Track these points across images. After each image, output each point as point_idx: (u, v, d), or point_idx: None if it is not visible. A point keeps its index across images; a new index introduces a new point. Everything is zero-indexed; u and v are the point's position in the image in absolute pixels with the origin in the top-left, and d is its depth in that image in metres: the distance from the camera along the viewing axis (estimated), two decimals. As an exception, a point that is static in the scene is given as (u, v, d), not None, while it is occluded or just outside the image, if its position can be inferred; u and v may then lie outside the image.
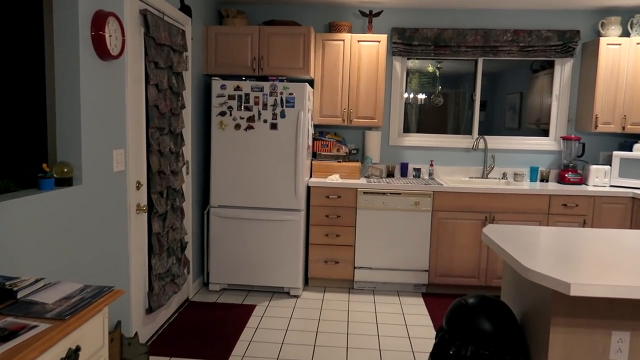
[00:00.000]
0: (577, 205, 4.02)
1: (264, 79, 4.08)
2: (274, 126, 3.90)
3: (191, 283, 3.91)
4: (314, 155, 4.46)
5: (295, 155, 3.91)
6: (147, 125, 2.99)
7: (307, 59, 4.02)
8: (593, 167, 4.30)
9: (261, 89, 3.87)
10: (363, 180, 4.24)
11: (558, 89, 4.58)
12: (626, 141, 4.36)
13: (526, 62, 4.51)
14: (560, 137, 4.54)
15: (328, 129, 4.68)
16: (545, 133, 4.67)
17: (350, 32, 4.34)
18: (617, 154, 4.23)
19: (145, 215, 3.02)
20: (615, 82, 4.18)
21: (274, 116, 3.88)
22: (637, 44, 4.09)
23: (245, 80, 3.99)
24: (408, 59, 4.63)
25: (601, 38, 4.15)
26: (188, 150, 3.74)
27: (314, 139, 4.43)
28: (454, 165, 4.66)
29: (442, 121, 4.92)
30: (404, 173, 4.61)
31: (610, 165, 4.32)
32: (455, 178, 4.58)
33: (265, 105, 3.88)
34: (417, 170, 4.57)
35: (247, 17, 4.50)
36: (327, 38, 4.26)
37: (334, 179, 4.18)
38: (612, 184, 4.27)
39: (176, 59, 3.30)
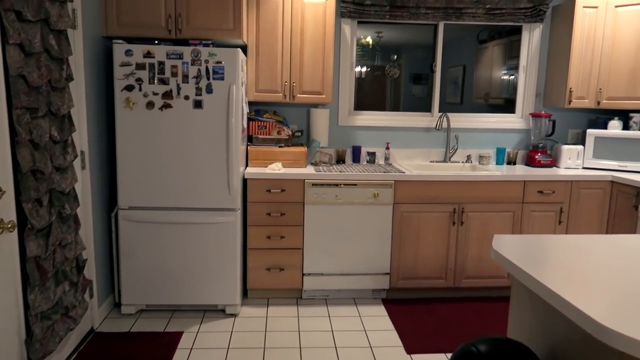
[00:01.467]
0: (553, 192, 3.55)
1: (184, 42, 3.19)
2: (198, 104, 3.05)
3: (96, 309, 3.03)
4: (250, 140, 3.66)
5: (227, 141, 3.10)
6: (10, 105, 2.07)
7: (238, 17, 3.18)
8: (565, 147, 3.84)
9: (180, 56, 2.99)
10: (310, 169, 3.51)
11: (526, 59, 4.06)
12: (598, 117, 3.94)
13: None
14: (529, 114, 4.04)
15: (266, 106, 3.88)
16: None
17: (290, -14, 3.53)
18: (592, 132, 3.79)
19: (14, 234, 2.11)
20: (591, 50, 3.70)
21: (198, 91, 3.03)
22: (616, 7, 3.62)
23: (159, 44, 3.09)
24: (359, 22, 3.90)
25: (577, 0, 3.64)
26: (82, 138, 2.81)
27: (249, 120, 3.63)
28: (412, 147, 4.04)
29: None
30: (356, 158, 3.93)
31: (583, 144, 3.88)
32: (414, 163, 3.96)
33: (186, 77, 3.01)
34: (372, 155, 3.91)
35: (159, -35, 3.55)
36: (263, -7, 3.42)
37: (276, 168, 3.42)
38: (585, 166, 3.84)
39: (55, 10, 2.35)
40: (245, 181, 3.36)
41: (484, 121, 4.07)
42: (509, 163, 4.03)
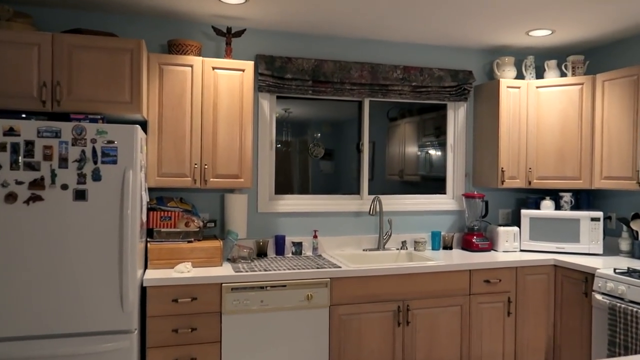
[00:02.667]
0: (500, 281, 3.23)
1: (63, 117, 2.52)
2: (80, 195, 2.35)
3: None
4: (150, 234, 2.96)
5: (121, 241, 2.40)
6: None
7: (136, 87, 2.60)
8: (501, 229, 3.61)
9: (57, 134, 2.31)
10: (228, 268, 2.87)
11: (452, 137, 3.89)
12: (528, 197, 3.80)
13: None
14: (462, 195, 3.80)
15: (171, 192, 3.24)
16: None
17: (200, 55, 3.05)
18: (526, 213, 3.61)
19: None
20: (517, 130, 3.60)
21: (81, 178, 2.34)
22: (537, 87, 3.59)
23: (27, 118, 2.40)
24: (278, 97, 3.49)
25: (501, 80, 3.57)
26: None
27: (149, 210, 2.95)
28: (342, 234, 3.57)
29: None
30: (280, 250, 3.36)
31: (517, 225, 3.68)
32: (347, 252, 3.48)
33: (64, 161, 2.32)
34: (298, 245, 3.37)
35: (35, 24, 2.91)
36: (167, 61, 2.89)
37: (184, 270, 2.73)
38: (522, 248, 3.62)
39: None
40: (143, 290, 2.63)
41: (416, 203, 3.75)
42: (445, 247, 3.70)
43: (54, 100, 2.47)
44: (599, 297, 2.88)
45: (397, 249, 3.59)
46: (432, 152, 4.00)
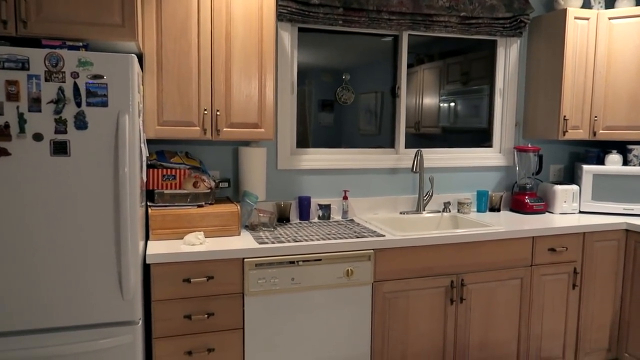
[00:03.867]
0: (566, 249, 2.75)
1: (33, 43, 1.90)
2: (60, 148, 1.77)
3: None
4: (151, 197, 2.40)
5: (118, 208, 1.84)
6: None
7: (129, 6, 1.97)
8: (559, 187, 3.10)
9: (24, 65, 1.71)
10: (248, 238, 2.34)
11: (502, 81, 3.30)
12: (588, 151, 3.28)
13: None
14: (515, 148, 3.26)
15: (173, 145, 2.66)
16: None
17: (207, -29, 2.40)
18: (589, 169, 3.10)
19: None
20: (583, 71, 3.03)
21: (61, 125, 1.75)
22: (610, 19, 3.00)
23: (-18, 44, 1.78)
24: (301, 29, 2.87)
25: (568, 9, 2.96)
26: None
27: (149, 167, 2.38)
28: (373, 194, 3.04)
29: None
30: (304, 214, 2.83)
31: (578, 184, 3.18)
32: (382, 216, 2.96)
33: (36, 102, 1.73)
34: (325, 209, 2.84)
35: None
36: (167, -24, 2.25)
37: (196, 241, 2.20)
38: (582, 210, 3.13)
39: None
40: (146, 268, 2.10)
41: (457, 158, 3.21)
42: (492, 209, 3.20)
43: (18, 20, 1.83)
44: (693, 269, 2.41)
45: (440, 212, 3.07)
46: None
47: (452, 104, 3.48)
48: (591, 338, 2.87)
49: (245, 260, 2.17)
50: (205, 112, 2.35)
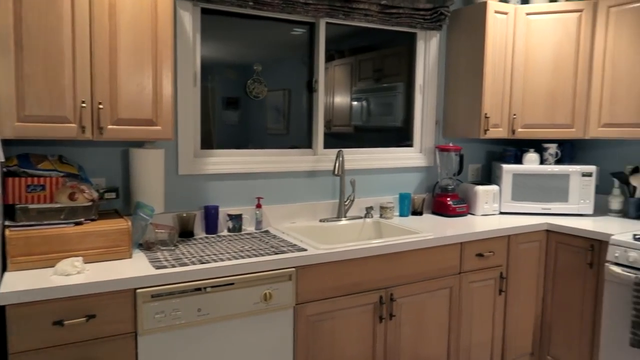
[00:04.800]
0: (493, 253, 2.62)
1: None
2: None
3: None
4: (10, 214, 1.86)
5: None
6: None
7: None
8: (480, 188, 3.00)
9: None
10: (142, 262, 1.90)
11: (422, 77, 3.14)
12: (506, 150, 3.22)
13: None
14: (436, 148, 3.11)
15: (42, 147, 2.12)
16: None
17: None
18: (509, 169, 3.02)
19: None
20: (502, 67, 2.95)
21: None
22: (527, 14, 2.93)
23: None
24: (204, 10, 2.45)
25: (489, 2, 2.85)
26: None
27: (6, 175, 1.85)
28: (291, 200, 2.72)
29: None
30: (211, 227, 2.42)
31: (497, 184, 3.09)
32: (300, 225, 2.64)
33: None
34: (236, 219, 2.46)
35: None
36: None
37: (71, 270, 1.72)
38: (502, 210, 3.06)
39: None
40: (2, 310, 1.58)
41: (379, 159, 2.99)
42: (414, 213, 3.02)
43: None
44: (616, 269, 2.38)
45: (362, 218, 2.82)
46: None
47: (365, 102, 3.26)
48: (516, 344, 2.78)
49: (138, 291, 1.73)
50: (84, 104, 1.86)
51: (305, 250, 2.10)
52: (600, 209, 3.11)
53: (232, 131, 2.65)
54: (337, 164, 2.60)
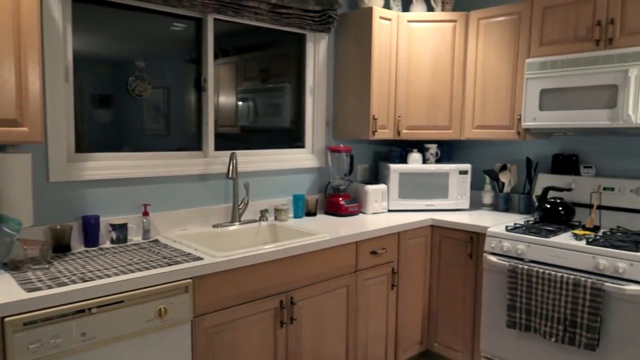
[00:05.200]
0: (385, 250, 2.72)
1: None
2: None
3: None
4: None
5: None
6: None
7: None
8: (370, 187, 3.10)
9: None
10: (9, 284, 1.64)
11: (312, 78, 3.15)
12: (392, 150, 3.36)
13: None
14: (328, 149, 3.14)
15: None
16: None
17: None
18: (396, 168, 3.16)
19: None
20: (387, 71, 3.07)
21: None
22: (409, 21, 3.09)
23: None
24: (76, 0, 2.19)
25: (374, 8, 2.94)
26: None
27: None
28: (181, 206, 2.55)
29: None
30: (92, 239, 2.18)
31: (385, 183, 3.22)
32: (192, 232, 2.49)
33: None
34: (120, 229, 2.24)
35: None
36: None
37: None
38: (390, 208, 3.19)
39: None
40: None
41: (272, 160, 2.94)
42: (308, 214, 3.02)
43: None
44: (492, 258, 2.60)
45: (257, 221, 2.75)
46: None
47: (251, 103, 3.20)
48: (407, 334, 2.92)
49: (7, 320, 1.48)
50: None
51: (202, 259, 1.98)
52: (475, 204, 3.39)
53: (107, 132, 2.41)
54: (230, 167, 2.50)
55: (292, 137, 3.17)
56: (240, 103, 3.10)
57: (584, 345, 2.24)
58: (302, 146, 3.16)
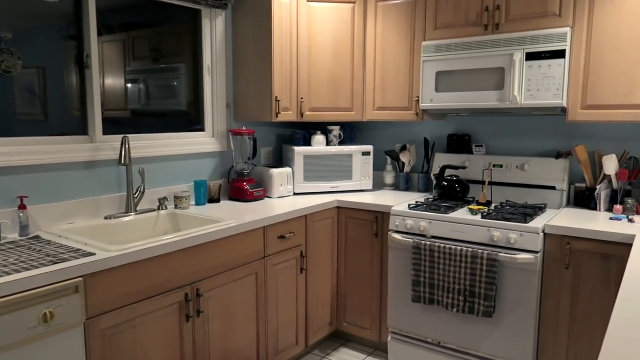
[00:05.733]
0: (294, 234, 2.67)
1: None
2: None
3: None
4: None
5: None
6: None
7: None
8: (275, 171, 3.02)
9: None
10: None
11: (210, 58, 2.98)
12: (296, 133, 3.31)
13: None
14: (230, 132, 3.00)
15: None
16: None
17: None
18: (301, 151, 3.11)
19: None
20: (289, 51, 2.99)
21: None
22: (309, 1, 3.03)
23: None
24: None
25: (274, -15, 2.84)
26: None
27: None
28: (65, 198, 2.29)
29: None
30: (-45, 238, 1.87)
31: (290, 166, 3.16)
32: (81, 225, 2.24)
33: None
34: (-8, 225, 1.95)
35: None
36: None
37: None
38: (296, 191, 3.15)
39: None
40: None
41: (170, 145, 2.74)
42: (211, 201, 2.87)
43: None
44: (397, 236, 2.66)
45: (155, 210, 2.56)
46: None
47: (143, 85, 2.96)
48: (317, 317, 2.91)
49: None
50: None
51: (94, 254, 1.78)
52: (378, 184, 3.47)
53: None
54: (123, 152, 2.28)
55: (191, 121, 2.99)
56: (130, 85, 2.86)
57: (482, 314, 2.38)
58: (202, 130, 3.00)
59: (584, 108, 2.46)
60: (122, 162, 2.28)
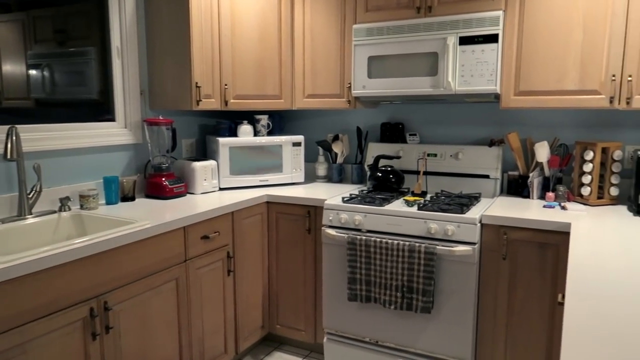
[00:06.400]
0: (218, 233, 2.43)
1: None
2: None
3: None
4: None
5: None
6: None
7: None
8: (198, 165, 2.76)
9: None
10: None
11: (120, 38, 2.65)
12: (220, 123, 3.05)
13: None
14: (145, 122, 2.69)
15: None
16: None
17: None
18: (225, 142, 2.87)
19: None
20: (209, 33, 2.73)
21: None
22: (231, -22, 2.78)
23: None
24: None
25: (190, -42, 2.56)
26: None
27: None
28: (-60, 201, 1.91)
29: None
30: None
31: (215, 159, 2.91)
32: (-41, 233, 1.88)
33: None
34: None
35: None
36: None
37: None
38: (222, 186, 2.90)
39: None
40: None
41: (73, 136, 2.41)
42: (125, 199, 2.57)
43: None
44: (331, 231, 2.50)
45: (56, 212, 2.22)
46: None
47: (46, 71, 2.60)
48: (248, 320, 2.70)
49: None
50: None
51: (-32, 269, 1.46)
52: (309, 176, 3.29)
53: None
54: (9, 145, 1.93)
55: (102, 110, 2.66)
56: (33, 72, 2.49)
57: (420, 310, 2.28)
58: (113, 119, 2.67)
59: (516, 94, 2.41)
60: (9, 156, 1.94)
